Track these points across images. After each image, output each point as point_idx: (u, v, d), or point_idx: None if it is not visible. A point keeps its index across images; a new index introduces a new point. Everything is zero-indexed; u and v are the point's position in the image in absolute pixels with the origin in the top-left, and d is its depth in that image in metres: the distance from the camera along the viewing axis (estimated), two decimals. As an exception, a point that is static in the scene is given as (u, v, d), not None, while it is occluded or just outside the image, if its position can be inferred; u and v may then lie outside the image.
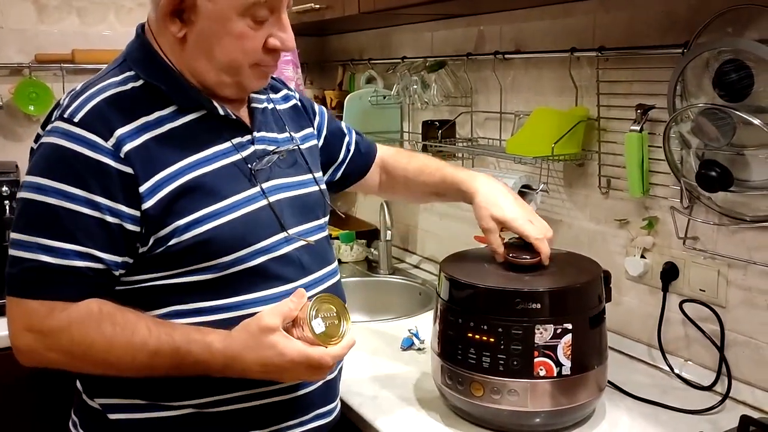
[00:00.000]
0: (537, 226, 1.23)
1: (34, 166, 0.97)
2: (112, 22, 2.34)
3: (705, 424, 1.22)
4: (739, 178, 1.24)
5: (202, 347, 0.96)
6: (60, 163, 0.95)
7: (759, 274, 1.27)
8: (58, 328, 0.96)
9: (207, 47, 1.01)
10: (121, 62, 1.05)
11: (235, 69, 1.03)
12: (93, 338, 0.96)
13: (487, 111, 1.88)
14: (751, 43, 1.15)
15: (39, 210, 0.94)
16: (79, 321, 0.96)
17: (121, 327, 0.96)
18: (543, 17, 1.67)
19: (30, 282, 0.95)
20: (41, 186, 0.94)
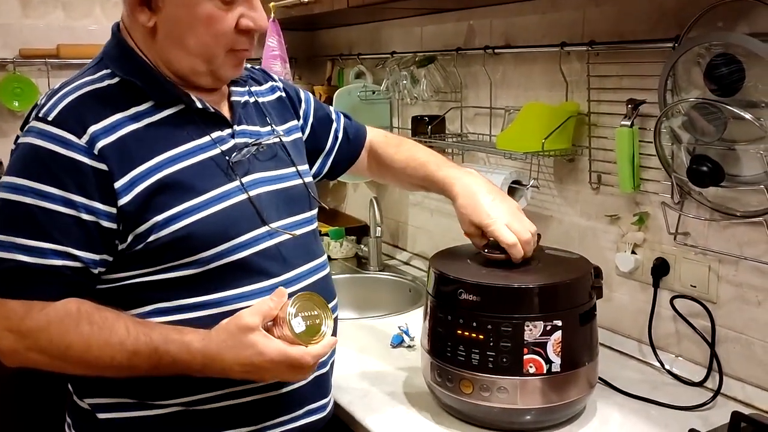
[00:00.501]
0: (516, 227, 1.18)
1: (11, 166, 0.97)
2: (98, 16, 2.31)
3: (696, 420, 1.21)
4: (731, 173, 1.23)
5: (180, 347, 0.95)
6: (35, 162, 0.94)
7: (750, 269, 1.27)
8: (37, 328, 0.94)
9: (178, 34, 0.99)
10: (98, 61, 1.05)
11: (209, 56, 1.02)
12: (71, 338, 0.95)
13: (477, 106, 1.87)
14: (742, 37, 1.14)
15: (15, 210, 0.93)
16: (57, 321, 0.95)
17: (98, 327, 0.95)
18: (533, 12, 1.66)
19: (8, 282, 0.94)
20: (17, 186, 0.94)
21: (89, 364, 0.96)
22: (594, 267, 1.23)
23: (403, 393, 1.34)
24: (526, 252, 1.19)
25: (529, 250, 1.19)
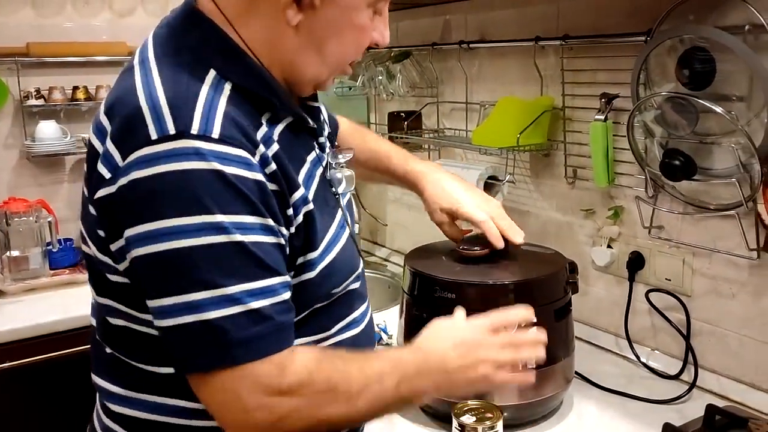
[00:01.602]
0: (485, 207, 1.16)
1: (172, 204, 0.74)
2: (70, 14, 2.27)
3: (672, 413, 1.22)
4: (703, 167, 1.23)
5: (409, 349, 0.91)
6: (223, 191, 0.75)
7: (723, 262, 1.27)
8: (299, 382, 0.78)
9: (322, 38, 0.85)
10: (196, 59, 0.82)
11: (338, 66, 0.90)
12: (336, 380, 0.81)
13: (453, 101, 1.86)
14: (713, 30, 1.14)
15: (222, 252, 0.75)
16: (315, 366, 0.80)
17: (341, 360, 0.84)
18: (507, 6, 1.65)
19: (256, 339, 0.76)
20: (214, 225, 0.74)
21: (353, 405, 0.82)
22: (569, 262, 1.23)
23: (381, 391, 1.33)
24: (502, 228, 1.15)
25: (504, 227, 1.16)
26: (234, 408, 0.77)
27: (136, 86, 0.80)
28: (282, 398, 0.77)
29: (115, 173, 0.76)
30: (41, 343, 1.74)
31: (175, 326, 0.75)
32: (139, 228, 0.75)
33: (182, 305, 0.74)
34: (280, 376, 0.77)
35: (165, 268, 0.75)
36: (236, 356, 0.75)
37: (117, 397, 0.89)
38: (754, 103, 1.14)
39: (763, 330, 1.22)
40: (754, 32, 1.12)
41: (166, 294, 0.75)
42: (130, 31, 2.27)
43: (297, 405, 0.78)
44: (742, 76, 1.14)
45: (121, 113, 0.79)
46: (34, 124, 2.16)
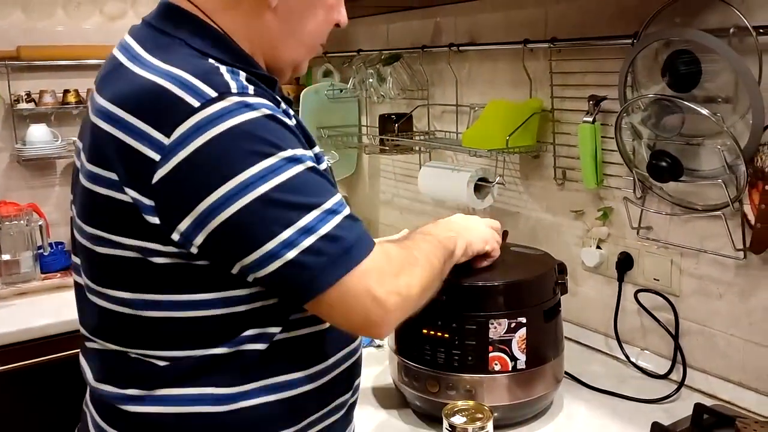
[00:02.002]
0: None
1: (246, 154, 0.77)
2: (61, 17, 2.27)
3: (661, 412, 1.23)
4: (690, 168, 1.24)
5: (441, 223, 1.08)
6: (281, 130, 0.80)
7: (710, 262, 1.28)
8: (402, 261, 0.88)
9: (298, 18, 0.90)
10: (188, 51, 0.84)
11: (312, 46, 0.95)
12: (417, 250, 0.93)
13: (443, 104, 1.87)
14: (699, 33, 1.15)
15: (306, 178, 0.80)
16: (400, 245, 0.92)
17: (407, 238, 0.98)
18: (496, 9, 1.67)
19: (359, 238, 0.82)
20: (299, 157, 0.80)
21: (430, 279, 0.93)
22: (558, 263, 1.24)
23: (372, 393, 1.33)
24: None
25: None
26: (370, 306, 0.82)
27: (145, 75, 0.80)
28: (398, 278, 0.85)
29: (165, 153, 0.76)
30: (32, 347, 1.74)
31: (292, 259, 0.77)
32: (221, 190, 0.76)
33: (295, 235, 0.77)
34: (389, 261, 0.85)
35: (265, 212, 0.77)
36: (356, 255, 0.81)
37: (134, 399, 0.87)
38: (740, 105, 1.15)
39: (750, 329, 1.23)
40: (739, 35, 1.13)
41: (272, 235, 0.77)
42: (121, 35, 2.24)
43: (407, 284, 0.86)
44: (728, 78, 1.16)
45: (147, 98, 0.78)
46: (25, 128, 2.16)
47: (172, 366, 0.85)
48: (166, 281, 0.83)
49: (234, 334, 0.85)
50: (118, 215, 0.81)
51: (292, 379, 0.89)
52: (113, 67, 0.85)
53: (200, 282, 0.82)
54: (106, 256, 0.84)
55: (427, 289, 0.92)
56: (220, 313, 0.83)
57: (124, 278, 0.84)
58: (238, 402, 0.85)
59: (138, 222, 0.80)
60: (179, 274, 0.82)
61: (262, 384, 0.87)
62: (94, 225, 0.84)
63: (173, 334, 0.84)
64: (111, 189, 0.80)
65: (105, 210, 0.82)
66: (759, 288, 1.21)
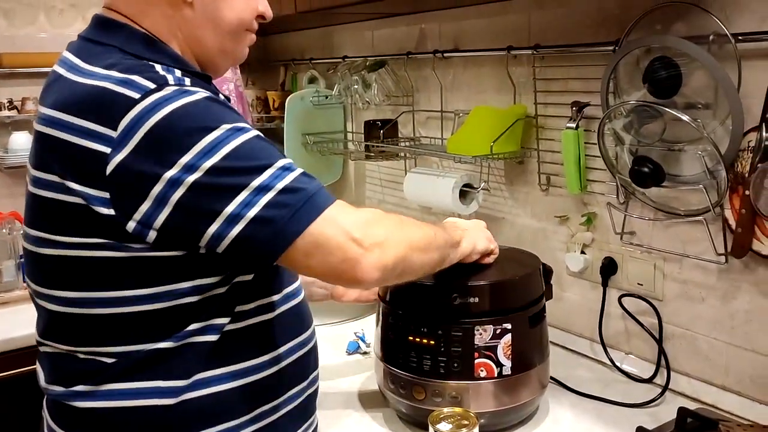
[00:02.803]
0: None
1: (196, 130, 0.80)
2: (43, 24, 2.26)
3: (645, 417, 1.23)
4: (671, 173, 1.25)
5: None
6: (223, 107, 0.85)
7: (693, 267, 1.29)
8: (375, 216, 0.91)
9: (215, 9, 0.94)
10: (122, 55, 0.88)
11: (238, 33, 0.98)
12: (401, 218, 0.96)
13: (428, 110, 1.88)
14: (678, 40, 1.16)
15: (257, 142, 0.84)
16: (384, 213, 0.94)
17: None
18: (480, 15, 1.67)
19: (318, 189, 0.85)
20: (242, 128, 0.84)
21: (422, 228, 0.98)
22: (542, 265, 1.24)
23: (358, 400, 1.33)
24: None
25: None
26: (346, 244, 0.84)
27: (84, 81, 0.85)
28: (374, 228, 0.88)
29: (115, 144, 0.79)
30: (15, 357, 1.72)
31: (256, 215, 0.80)
32: (173, 169, 0.79)
33: (252, 194, 0.80)
34: (360, 211, 0.89)
35: (219, 180, 0.80)
36: (320, 202, 0.84)
37: (82, 394, 0.89)
38: (720, 111, 1.17)
39: (732, 333, 1.24)
40: (718, 41, 1.15)
41: (230, 199, 0.80)
42: (105, 41, 2.26)
43: (387, 229, 0.89)
44: (707, 84, 1.17)
45: (87, 99, 0.82)
46: (7, 135, 2.14)
47: (119, 361, 0.87)
48: (110, 278, 0.85)
49: (180, 327, 0.87)
50: (63, 216, 0.84)
51: (244, 367, 0.92)
52: (54, 79, 0.90)
53: (144, 276, 0.85)
54: (51, 257, 0.87)
55: (416, 249, 0.94)
56: (165, 307, 0.86)
57: (68, 278, 0.87)
58: (186, 393, 0.88)
59: (87, 219, 0.82)
60: (124, 270, 0.84)
61: (212, 374, 0.89)
62: (39, 227, 0.88)
63: (119, 330, 0.87)
64: (56, 191, 0.84)
65: (50, 212, 0.85)
66: (740, 292, 1.22)
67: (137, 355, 0.87)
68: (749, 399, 1.22)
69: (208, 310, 0.88)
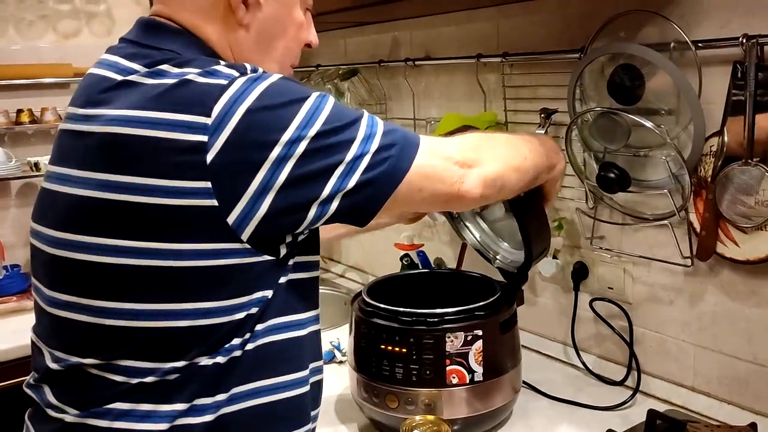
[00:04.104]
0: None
1: (289, 103, 0.81)
2: (13, 36, 2.24)
3: (616, 419, 1.25)
4: (637, 179, 1.27)
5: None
6: (298, 84, 0.87)
7: (661, 270, 1.31)
8: (471, 142, 0.96)
9: (269, 36, 0.94)
10: (185, 60, 0.85)
11: (284, 64, 0.97)
12: (486, 134, 1.04)
13: (401, 117, 1.89)
14: (640, 48, 1.18)
15: (339, 105, 0.86)
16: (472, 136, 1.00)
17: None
18: (450, 24, 1.69)
19: (407, 132, 0.89)
20: (325, 95, 0.86)
21: (517, 145, 1.03)
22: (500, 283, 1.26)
23: (333, 409, 1.33)
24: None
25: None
26: (448, 168, 0.89)
27: (164, 81, 0.81)
28: (469, 150, 0.93)
29: (211, 131, 0.78)
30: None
31: (370, 162, 0.84)
32: (279, 144, 0.79)
33: (364, 140, 0.84)
34: (448, 140, 0.94)
35: (330, 137, 0.82)
36: (413, 136, 0.88)
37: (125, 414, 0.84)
38: (682, 117, 1.19)
39: (700, 335, 1.26)
40: (679, 48, 1.17)
41: (343, 151, 0.82)
42: (76, 53, 2.25)
43: (481, 146, 0.96)
44: (670, 91, 1.19)
45: (173, 94, 0.80)
46: (-23, 149, 2.12)
47: (162, 379, 0.84)
48: (180, 288, 0.81)
49: (225, 341, 0.85)
50: (144, 220, 0.79)
51: (281, 382, 0.91)
52: (110, 85, 0.84)
53: (218, 287, 0.82)
54: (110, 266, 0.81)
55: (512, 168, 0.99)
56: (224, 321, 0.84)
57: (129, 288, 0.81)
58: (219, 410, 0.85)
59: (179, 221, 0.78)
60: (200, 279, 0.81)
61: (248, 388, 0.88)
62: (99, 233, 0.81)
63: (173, 344, 0.82)
64: (147, 195, 0.78)
65: (124, 216, 0.79)
66: (706, 294, 1.24)
67: (179, 373, 0.83)
68: (717, 399, 1.24)
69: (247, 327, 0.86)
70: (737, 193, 1.11)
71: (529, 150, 1.03)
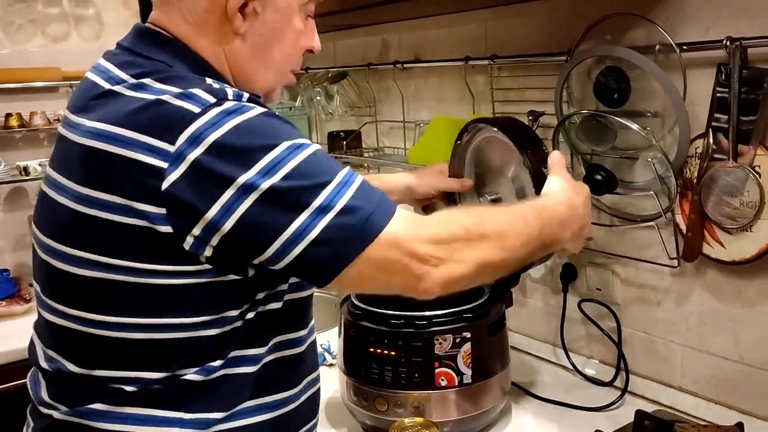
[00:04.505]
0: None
1: (257, 148, 0.78)
2: (2, 40, 2.23)
3: (605, 420, 1.25)
4: (624, 180, 1.28)
5: (547, 199, 1.01)
6: (282, 122, 0.83)
7: (648, 271, 1.32)
8: (442, 229, 0.85)
9: (267, 44, 0.92)
10: (173, 72, 0.85)
11: (282, 72, 0.96)
12: (478, 222, 0.88)
13: (391, 120, 1.89)
14: (626, 51, 1.19)
15: (317, 157, 0.81)
16: (452, 213, 0.95)
17: (479, 209, 1.02)
18: (440, 26, 1.69)
19: (378, 203, 0.81)
20: (301, 144, 0.81)
21: (504, 239, 0.88)
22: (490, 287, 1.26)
23: (323, 413, 1.33)
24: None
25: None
26: (408, 263, 0.81)
27: (143, 96, 0.81)
28: (442, 244, 0.83)
29: (172, 158, 0.77)
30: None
31: (316, 238, 0.78)
32: (233, 187, 0.77)
33: (316, 212, 0.78)
34: (422, 226, 0.84)
35: (280, 200, 0.78)
36: (378, 220, 0.80)
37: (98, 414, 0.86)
38: (668, 119, 1.19)
39: (687, 335, 1.27)
40: (664, 51, 1.17)
41: (295, 214, 0.78)
42: (65, 57, 2.24)
43: (455, 247, 0.84)
44: (655, 93, 1.20)
45: (145, 114, 0.79)
46: (-35, 153, 2.11)
47: (140, 389, 0.85)
48: (153, 304, 0.82)
49: (211, 358, 0.86)
50: (117, 238, 0.80)
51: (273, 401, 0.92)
52: (97, 93, 0.85)
53: (189, 305, 0.83)
54: (90, 279, 0.82)
55: (486, 268, 0.88)
56: (213, 334, 0.85)
57: (105, 301, 0.83)
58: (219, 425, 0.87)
59: (143, 241, 0.79)
60: (169, 297, 0.82)
61: (245, 406, 0.89)
62: (81, 247, 0.82)
63: (146, 356, 0.84)
64: (114, 212, 0.79)
65: (101, 233, 0.81)
66: (693, 294, 1.25)
67: (162, 383, 0.85)
68: (705, 399, 1.25)
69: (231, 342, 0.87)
70: (722, 194, 1.12)
71: (521, 242, 0.91)
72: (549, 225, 0.96)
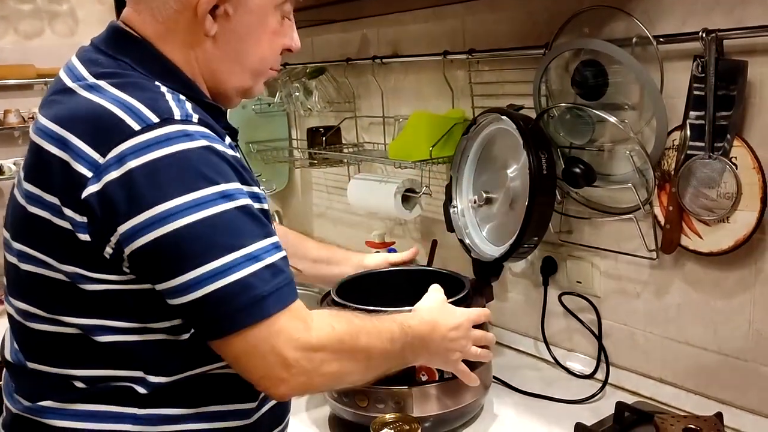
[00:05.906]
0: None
1: (177, 183, 0.77)
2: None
3: (586, 412, 1.26)
4: (603, 173, 1.28)
5: (414, 318, 1.02)
6: (219, 163, 0.80)
7: (627, 263, 1.32)
8: (326, 337, 0.85)
9: (240, 45, 0.90)
10: (136, 76, 0.85)
11: (259, 72, 0.94)
12: (355, 337, 0.88)
13: (370, 116, 1.88)
14: (603, 43, 1.19)
15: (234, 217, 0.79)
16: (336, 323, 0.87)
17: (357, 319, 0.92)
18: (417, 21, 1.69)
19: (273, 290, 0.80)
20: (232, 194, 0.79)
21: (371, 357, 0.91)
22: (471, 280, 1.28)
23: (304, 409, 1.32)
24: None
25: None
26: (274, 363, 0.80)
27: (89, 97, 0.82)
28: (314, 354, 0.83)
29: (98, 170, 0.77)
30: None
31: (205, 296, 0.77)
32: (146, 214, 0.76)
33: (211, 272, 0.77)
34: (308, 330, 0.83)
35: (186, 243, 0.77)
36: (267, 307, 0.79)
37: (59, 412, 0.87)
38: (645, 112, 1.20)
39: (666, 326, 1.28)
40: (641, 43, 1.18)
41: (191, 267, 0.77)
42: (39, 53, 2.20)
43: (323, 359, 0.84)
44: (633, 86, 1.20)
45: (88, 118, 0.79)
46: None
47: (89, 387, 0.86)
48: (81, 305, 0.83)
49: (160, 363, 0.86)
50: (49, 237, 0.81)
51: (222, 410, 0.91)
52: (59, 88, 0.86)
53: (116, 309, 0.83)
54: (31, 274, 0.85)
55: (347, 382, 0.95)
56: (138, 340, 0.85)
57: (43, 296, 0.85)
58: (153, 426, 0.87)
59: (70, 245, 0.80)
60: (95, 299, 0.82)
61: (179, 412, 0.88)
62: (23, 242, 0.85)
63: (90, 355, 0.85)
64: (50, 212, 0.81)
65: (37, 229, 0.82)
66: (672, 286, 1.26)
67: (111, 381, 0.85)
68: (684, 390, 1.26)
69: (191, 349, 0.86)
70: (700, 186, 1.13)
71: (384, 359, 0.95)
72: (411, 344, 0.99)
